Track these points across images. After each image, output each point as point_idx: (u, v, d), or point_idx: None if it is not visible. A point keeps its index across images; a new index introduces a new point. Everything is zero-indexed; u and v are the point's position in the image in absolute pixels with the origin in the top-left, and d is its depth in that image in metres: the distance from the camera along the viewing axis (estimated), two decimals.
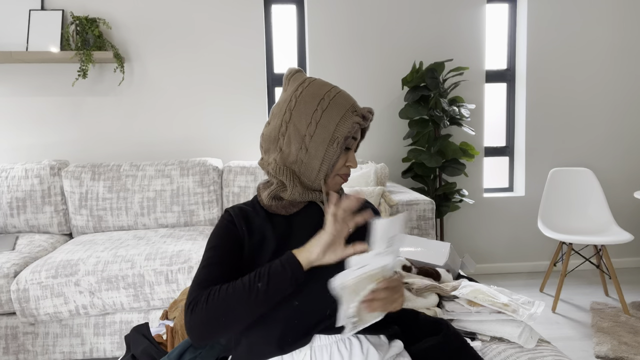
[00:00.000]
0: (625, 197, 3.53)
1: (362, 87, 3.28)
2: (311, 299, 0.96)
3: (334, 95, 1.02)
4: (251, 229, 1.03)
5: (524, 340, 1.20)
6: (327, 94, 1.02)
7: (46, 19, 2.91)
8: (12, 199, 2.72)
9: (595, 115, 3.45)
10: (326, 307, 0.96)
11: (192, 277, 2.22)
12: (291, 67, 1.10)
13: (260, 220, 1.05)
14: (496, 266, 3.52)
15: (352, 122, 1.00)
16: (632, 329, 2.50)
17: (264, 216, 1.05)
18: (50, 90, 3.05)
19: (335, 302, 0.93)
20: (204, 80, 3.15)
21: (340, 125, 0.99)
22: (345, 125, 0.99)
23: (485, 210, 3.47)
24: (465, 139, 3.38)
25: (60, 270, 2.19)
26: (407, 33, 3.27)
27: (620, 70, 3.43)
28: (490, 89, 3.53)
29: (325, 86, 1.03)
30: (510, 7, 3.45)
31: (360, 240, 0.96)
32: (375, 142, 3.33)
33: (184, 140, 3.19)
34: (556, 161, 3.47)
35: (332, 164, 1.01)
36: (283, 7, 3.29)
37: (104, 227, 2.78)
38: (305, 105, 1.00)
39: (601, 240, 2.72)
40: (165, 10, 3.08)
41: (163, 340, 1.37)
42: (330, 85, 1.04)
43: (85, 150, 3.12)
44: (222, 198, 2.89)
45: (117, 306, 2.22)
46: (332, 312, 0.95)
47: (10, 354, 2.24)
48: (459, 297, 1.33)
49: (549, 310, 2.81)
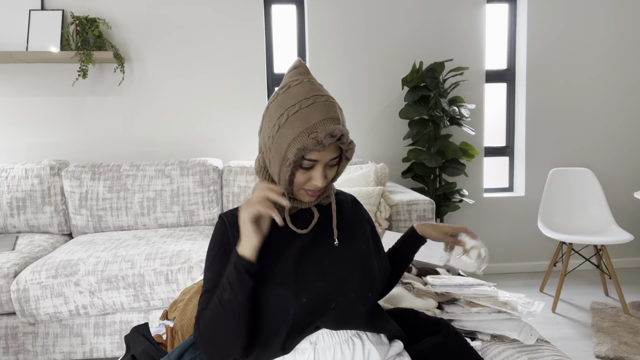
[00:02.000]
0: (625, 197, 3.53)
1: (362, 87, 3.28)
2: (317, 294, 0.96)
3: (296, 111, 0.92)
4: None
5: (524, 337, 1.20)
6: (290, 107, 0.93)
7: (46, 19, 2.91)
8: (12, 199, 2.72)
9: (596, 115, 3.45)
10: (331, 300, 0.97)
11: (192, 277, 2.22)
12: (297, 59, 1.04)
13: None
14: (496, 266, 3.52)
15: (301, 146, 0.91)
16: (632, 329, 2.50)
17: None
18: (50, 90, 3.05)
19: (340, 296, 0.97)
20: (204, 80, 3.16)
21: (291, 147, 0.92)
22: (294, 148, 0.92)
23: (485, 210, 3.47)
24: (465, 139, 3.38)
25: (60, 270, 2.19)
26: (407, 33, 3.27)
27: (620, 70, 3.43)
28: (490, 89, 3.53)
29: (298, 96, 0.94)
30: (510, 7, 3.45)
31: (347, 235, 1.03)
32: (375, 142, 3.33)
33: (184, 140, 3.19)
34: (556, 161, 3.47)
35: (289, 182, 0.96)
36: (283, 7, 3.29)
37: (104, 227, 2.78)
38: (270, 117, 0.96)
39: (601, 240, 2.73)
40: (165, 10, 3.08)
41: (163, 341, 1.37)
42: (306, 95, 0.94)
43: (85, 150, 3.12)
44: (222, 198, 2.89)
45: (117, 306, 2.22)
46: (337, 304, 0.97)
47: (10, 354, 2.24)
48: (459, 299, 1.33)
49: (549, 310, 2.81)
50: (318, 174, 0.96)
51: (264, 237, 0.94)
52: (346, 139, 0.95)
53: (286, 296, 0.94)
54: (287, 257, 0.98)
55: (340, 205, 1.12)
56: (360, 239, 1.08)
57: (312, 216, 1.06)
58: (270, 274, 0.96)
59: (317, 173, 0.96)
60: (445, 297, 1.36)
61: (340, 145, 0.96)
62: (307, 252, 1.00)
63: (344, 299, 0.98)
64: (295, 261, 0.98)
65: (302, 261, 0.99)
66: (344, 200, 1.14)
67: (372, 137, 3.32)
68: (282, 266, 0.97)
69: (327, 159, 0.96)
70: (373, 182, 2.70)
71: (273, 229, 1.01)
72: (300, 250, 1.00)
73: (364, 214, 1.15)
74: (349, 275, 1.00)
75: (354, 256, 1.04)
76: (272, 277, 0.96)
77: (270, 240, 0.99)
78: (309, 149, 0.92)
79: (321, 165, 0.96)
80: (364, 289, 1.01)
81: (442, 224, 1.19)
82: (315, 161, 0.95)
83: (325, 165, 0.97)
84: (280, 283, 0.95)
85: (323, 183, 0.97)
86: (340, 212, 1.10)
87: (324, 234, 1.05)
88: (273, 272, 0.97)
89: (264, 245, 0.98)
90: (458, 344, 1.08)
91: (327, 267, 0.99)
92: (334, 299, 0.97)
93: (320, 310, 0.96)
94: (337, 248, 1.03)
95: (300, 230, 1.02)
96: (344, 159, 1.01)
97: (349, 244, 1.05)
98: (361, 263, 1.03)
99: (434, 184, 3.15)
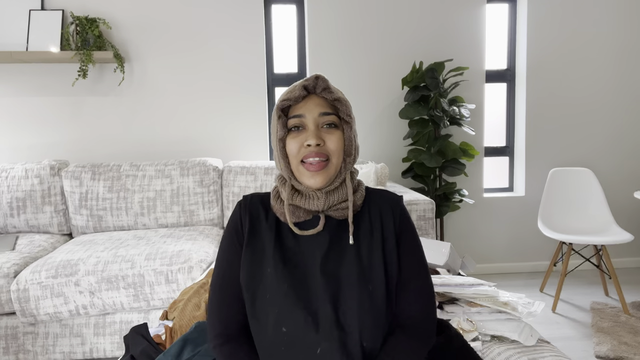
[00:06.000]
0: (625, 197, 3.53)
1: (362, 87, 3.28)
2: (298, 328, 0.89)
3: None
4: (254, 232, 0.98)
5: (524, 338, 1.20)
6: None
7: (46, 19, 2.91)
8: (12, 199, 2.72)
9: (595, 115, 3.45)
10: (317, 343, 0.88)
11: (192, 277, 2.22)
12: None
13: (267, 224, 0.98)
14: (496, 266, 3.52)
15: (280, 100, 0.93)
16: (632, 329, 2.50)
17: (273, 220, 0.99)
18: (50, 90, 3.05)
19: (327, 341, 0.87)
20: (204, 80, 3.15)
21: (275, 112, 0.95)
22: (277, 109, 0.94)
23: (485, 210, 3.47)
24: (465, 139, 3.38)
25: (60, 270, 2.19)
26: (407, 33, 3.27)
27: (620, 70, 3.42)
28: (490, 89, 3.53)
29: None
30: (510, 7, 3.45)
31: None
32: (375, 142, 3.33)
33: (184, 140, 3.19)
34: (556, 161, 3.47)
35: (283, 155, 0.94)
36: (283, 7, 3.29)
37: (104, 227, 2.78)
38: None
39: (601, 240, 2.72)
40: (165, 10, 3.08)
41: (162, 341, 1.37)
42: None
43: (85, 150, 3.12)
44: (222, 198, 2.89)
45: (117, 306, 2.22)
46: (323, 352, 0.87)
47: (10, 354, 2.24)
48: (459, 299, 1.33)
49: (549, 310, 2.81)
50: (310, 131, 0.92)
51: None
52: (325, 84, 0.92)
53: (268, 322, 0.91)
54: (280, 277, 0.92)
55: (362, 218, 0.97)
56: (375, 269, 0.93)
57: (325, 228, 0.95)
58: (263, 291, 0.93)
59: (309, 131, 0.92)
60: (446, 296, 1.36)
61: (324, 96, 0.93)
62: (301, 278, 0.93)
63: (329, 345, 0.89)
64: (287, 287, 0.91)
65: (293, 285, 0.92)
66: (371, 205, 0.99)
67: (372, 137, 3.32)
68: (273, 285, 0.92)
69: (315, 114, 0.92)
70: (373, 182, 2.70)
71: (282, 235, 0.97)
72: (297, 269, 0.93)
73: (395, 223, 0.97)
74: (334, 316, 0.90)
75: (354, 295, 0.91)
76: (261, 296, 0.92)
77: (272, 246, 0.95)
78: (288, 100, 0.92)
79: (312, 122, 0.92)
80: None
81: None
82: (300, 116, 0.92)
83: (317, 124, 0.93)
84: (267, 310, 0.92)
85: (317, 140, 0.90)
86: (358, 224, 0.97)
87: (332, 253, 0.94)
88: (264, 288, 0.93)
89: (262, 254, 0.95)
90: (459, 345, 1.08)
91: (312, 300, 0.90)
92: (319, 344, 0.88)
93: (304, 349, 0.89)
94: (339, 279, 0.92)
95: (301, 231, 0.94)
96: (343, 123, 0.95)
97: (357, 276, 0.92)
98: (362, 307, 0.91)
99: (434, 184, 3.15)
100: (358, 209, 0.97)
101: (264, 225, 0.98)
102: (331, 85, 0.94)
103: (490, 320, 1.25)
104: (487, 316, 1.26)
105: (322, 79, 0.92)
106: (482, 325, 1.25)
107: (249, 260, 0.95)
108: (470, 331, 1.26)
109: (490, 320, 1.25)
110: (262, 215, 0.99)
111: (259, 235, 0.97)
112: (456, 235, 3.47)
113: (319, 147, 0.91)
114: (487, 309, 1.26)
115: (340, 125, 0.95)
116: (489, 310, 1.26)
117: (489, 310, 1.26)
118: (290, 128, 0.93)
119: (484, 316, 1.26)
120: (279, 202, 0.97)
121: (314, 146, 0.90)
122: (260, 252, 0.96)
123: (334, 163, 0.93)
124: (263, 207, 1.00)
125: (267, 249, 0.95)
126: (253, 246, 0.96)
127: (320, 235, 0.95)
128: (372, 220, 0.97)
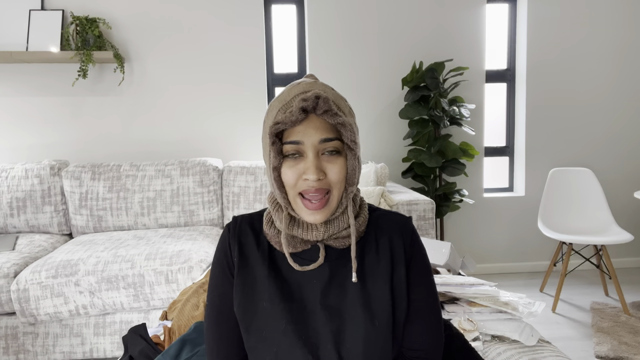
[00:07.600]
0: (625, 197, 3.53)
1: (362, 87, 3.28)
2: (289, 350, 0.83)
3: (278, 96, 0.84)
4: (244, 261, 0.88)
5: (525, 338, 1.20)
6: (280, 95, 0.83)
7: (46, 19, 2.91)
8: (12, 199, 2.72)
9: (595, 115, 3.45)
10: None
11: (192, 277, 2.22)
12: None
13: (259, 252, 0.89)
14: (496, 266, 3.52)
15: (274, 121, 0.79)
16: (632, 329, 2.50)
17: (265, 247, 0.89)
18: (50, 90, 3.05)
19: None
20: (204, 80, 3.15)
21: (269, 131, 0.80)
22: (269, 128, 0.79)
23: (485, 210, 3.47)
24: (465, 139, 3.38)
25: (60, 270, 2.19)
26: (407, 33, 3.26)
27: (620, 70, 3.43)
28: (490, 89, 3.53)
29: (291, 88, 0.83)
30: (510, 7, 3.45)
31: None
32: (375, 142, 3.33)
33: (184, 140, 3.19)
34: (556, 161, 3.47)
35: (279, 186, 0.82)
36: (283, 7, 3.29)
37: (104, 227, 2.78)
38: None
39: (601, 240, 2.72)
40: (165, 10, 3.08)
41: (160, 341, 1.37)
42: (294, 82, 0.84)
43: (85, 150, 3.12)
44: (222, 198, 2.89)
45: (117, 306, 2.22)
46: None
47: (10, 354, 2.24)
48: (460, 299, 1.33)
49: (549, 310, 2.81)
50: (309, 161, 0.79)
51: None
52: (327, 106, 0.77)
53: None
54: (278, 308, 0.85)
55: (367, 245, 0.89)
56: (381, 302, 0.85)
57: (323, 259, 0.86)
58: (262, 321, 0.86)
59: (308, 160, 0.79)
60: (446, 296, 1.35)
61: (326, 119, 0.78)
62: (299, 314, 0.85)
63: None
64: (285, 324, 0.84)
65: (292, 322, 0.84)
66: (378, 231, 0.89)
67: (372, 137, 3.32)
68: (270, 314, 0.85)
69: (315, 140, 0.79)
70: (373, 182, 2.70)
71: (276, 264, 0.88)
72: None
73: (405, 249, 0.88)
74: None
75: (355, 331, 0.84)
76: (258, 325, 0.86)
77: (266, 277, 0.87)
78: (284, 123, 0.78)
79: (311, 150, 0.79)
80: None
81: None
82: (297, 143, 0.79)
83: (317, 151, 0.80)
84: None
85: (317, 174, 0.78)
86: (362, 253, 0.88)
87: (332, 286, 0.86)
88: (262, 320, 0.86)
89: (255, 285, 0.87)
90: (460, 344, 1.08)
91: (305, 324, 0.84)
92: None
93: None
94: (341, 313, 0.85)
95: (300, 267, 0.85)
96: (346, 149, 0.82)
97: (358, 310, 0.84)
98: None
99: (434, 184, 3.15)
100: (362, 234, 0.88)
101: (255, 254, 0.88)
102: (333, 106, 0.79)
103: (491, 320, 1.25)
104: (487, 316, 1.26)
105: (324, 99, 0.77)
106: (483, 325, 1.25)
107: (240, 292, 0.87)
108: (471, 331, 1.26)
109: (491, 320, 1.25)
110: (253, 241, 0.89)
111: (250, 265, 0.88)
112: (456, 235, 3.47)
113: (320, 182, 0.80)
114: (487, 309, 1.26)
115: (343, 151, 0.82)
116: (489, 310, 1.26)
117: (490, 310, 1.26)
118: (286, 154, 0.81)
119: (485, 316, 1.26)
120: (273, 229, 0.88)
121: (313, 181, 0.79)
122: (251, 284, 0.87)
123: (336, 195, 0.82)
124: (253, 232, 0.90)
125: (260, 281, 0.86)
126: (244, 277, 0.87)
127: (320, 266, 0.85)
128: (380, 248, 0.87)
